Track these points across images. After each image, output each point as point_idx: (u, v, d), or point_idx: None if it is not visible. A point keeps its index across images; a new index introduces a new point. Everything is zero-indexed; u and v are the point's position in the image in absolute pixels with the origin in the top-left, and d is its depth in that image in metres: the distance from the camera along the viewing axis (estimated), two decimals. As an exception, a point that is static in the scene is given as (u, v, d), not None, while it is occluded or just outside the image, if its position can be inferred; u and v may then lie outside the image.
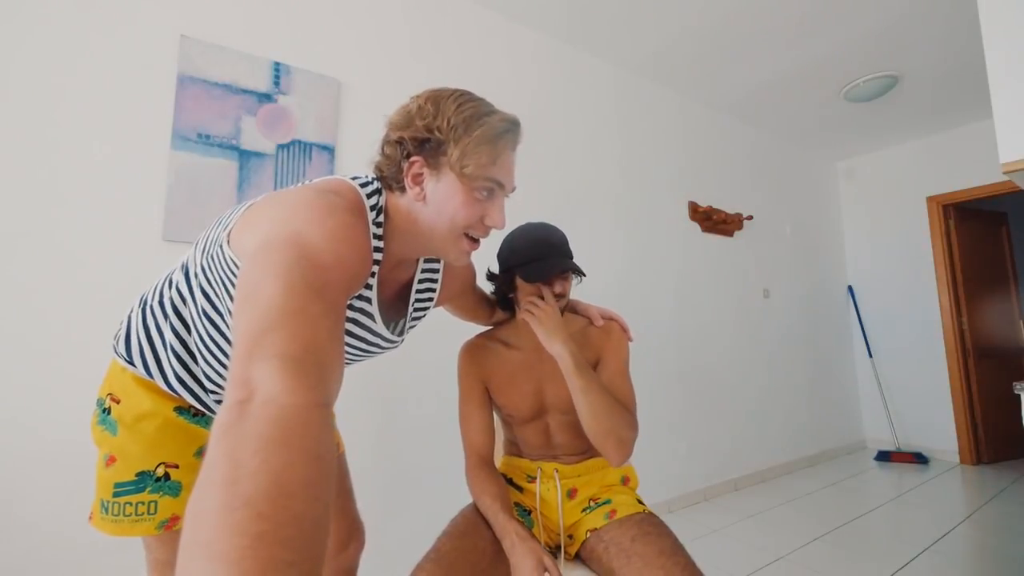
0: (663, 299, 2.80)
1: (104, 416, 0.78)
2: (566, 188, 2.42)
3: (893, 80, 2.89)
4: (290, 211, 0.56)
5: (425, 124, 0.67)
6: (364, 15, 1.92)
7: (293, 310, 0.45)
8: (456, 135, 0.66)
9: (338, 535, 1.00)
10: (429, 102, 0.68)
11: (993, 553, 2.07)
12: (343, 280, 0.54)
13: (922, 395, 3.70)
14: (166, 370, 0.75)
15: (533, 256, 1.03)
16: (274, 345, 0.42)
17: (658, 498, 2.53)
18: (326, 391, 0.43)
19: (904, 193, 3.90)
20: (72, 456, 1.27)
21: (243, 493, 0.33)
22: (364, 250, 0.61)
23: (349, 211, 0.60)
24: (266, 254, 0.50)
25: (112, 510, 0.76)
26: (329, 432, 0.41)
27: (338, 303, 0.52)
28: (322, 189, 0.62)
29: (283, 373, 0.40)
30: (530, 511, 1.06)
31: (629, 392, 1.08)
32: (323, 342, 0.45)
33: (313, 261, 0.50)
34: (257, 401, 0.38)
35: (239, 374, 0.40)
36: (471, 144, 0.66)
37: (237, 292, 0.49)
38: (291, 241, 0.51)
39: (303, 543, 0.34)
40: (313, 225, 0.54)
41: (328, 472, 0.39)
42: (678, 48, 2.60)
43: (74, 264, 1.35)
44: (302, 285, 0.47)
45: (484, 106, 0.70)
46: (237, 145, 1.59)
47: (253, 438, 0.36)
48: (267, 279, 0.47)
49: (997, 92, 1.52)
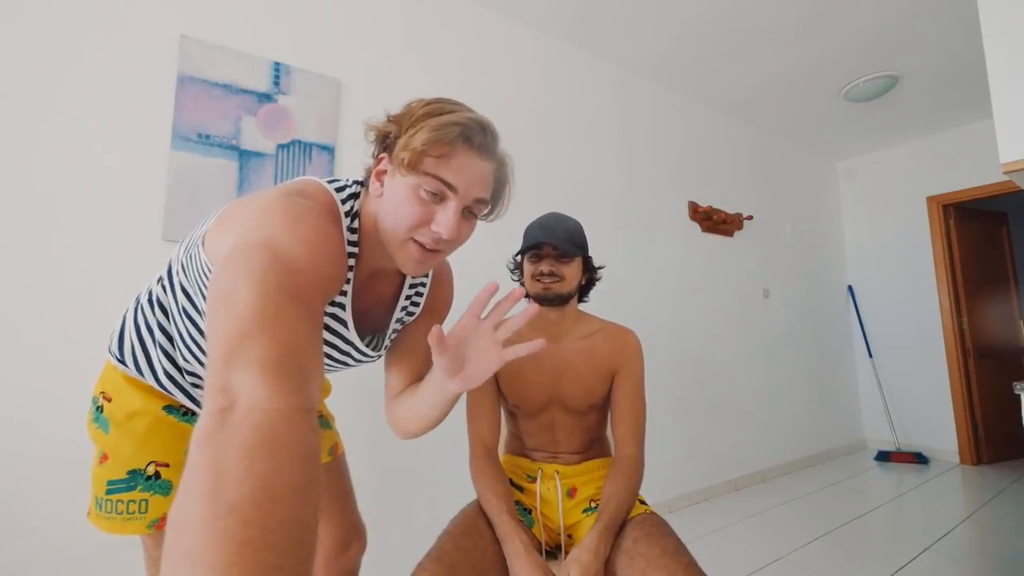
0: (663, 299, 2.80)
1: (97, 414, 0.80)
2: (566, 188, 2.42)
3: (893, 80, 2.89)
4: (261, 215, 0.55)
5: (391, 119, 0.66)
6: (364, 15, 1.92)
7: (270, 314, 0.44)
8: (408, 126, 0.63)
9: (340, 536, 1.00)
10: (403, 109, 0.67)
11: (993, 553, 2.07)
12: (317, 283, 0.53)
13: (922, 395, 3.70)
14: (155, 367, 0.76)
15: (535, 238, 1.06)
16: (253, 351, 0.41)
17: (658, 498, 2.53)
18: (308, 395, 0.42)
19: (904, 193, 3.90)
20: (71, 455, 1.27)
21: (228, 500, 0.33)
22: (337, 254, 0.60)
23: (320, 215, 0.59)
24: (238, 258, 0.49)
25: (105, 507, 0.77)
26: (314, 435, 0.41)
27: (314, 306, 0.51)
28: (292, 192, 0.60)
29: (264, 379, 0.40)
30: (530, 510, 1.06)
31: (642, 412, 1.10)
32: (302, 345, 0.45)
33: (287, 265, 0.50)
34: (240, 408, 0.38)
35: (218, 382, 0.40)
36: (416, 133, 0.61)
37: (210, 296, 0.48)
38: (263, 245, 0.51)
39: (291, 547, 0.34)
40: (284, 229, 0.53)
41: (315, 475, 0.38)
42: (678, 48, 2.60)
43: (74, 264, 1.35)
44: (277, 289, 0.47)
45: (452, 106, 0.66)
46: (237, 145, 1.59)
47: (237, 445, 0.36)
48: (241, 283, 0.46)
49: (997, 92, 1.52)
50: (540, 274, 1.05)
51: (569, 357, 1.10)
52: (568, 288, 1.07)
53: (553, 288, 1.05)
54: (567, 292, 1.07)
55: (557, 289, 1.05)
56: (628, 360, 1.10)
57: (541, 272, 1.05)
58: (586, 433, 1.12)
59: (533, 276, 1.07)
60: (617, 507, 0.96)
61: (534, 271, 1.07)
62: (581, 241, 1.09)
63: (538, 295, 1.07)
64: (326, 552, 0.99)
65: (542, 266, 1.05)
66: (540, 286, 1.06)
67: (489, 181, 0.67)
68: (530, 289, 1.09)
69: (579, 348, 1.11)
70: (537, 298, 1.07)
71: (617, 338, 1.12)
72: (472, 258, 1.99)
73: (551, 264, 1.05)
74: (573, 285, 1.08)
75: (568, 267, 1.06)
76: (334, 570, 1.00)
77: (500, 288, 0.65)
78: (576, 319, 1.14)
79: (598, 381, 1.09)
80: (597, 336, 1.12)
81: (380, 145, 0.67)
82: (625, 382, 1.09)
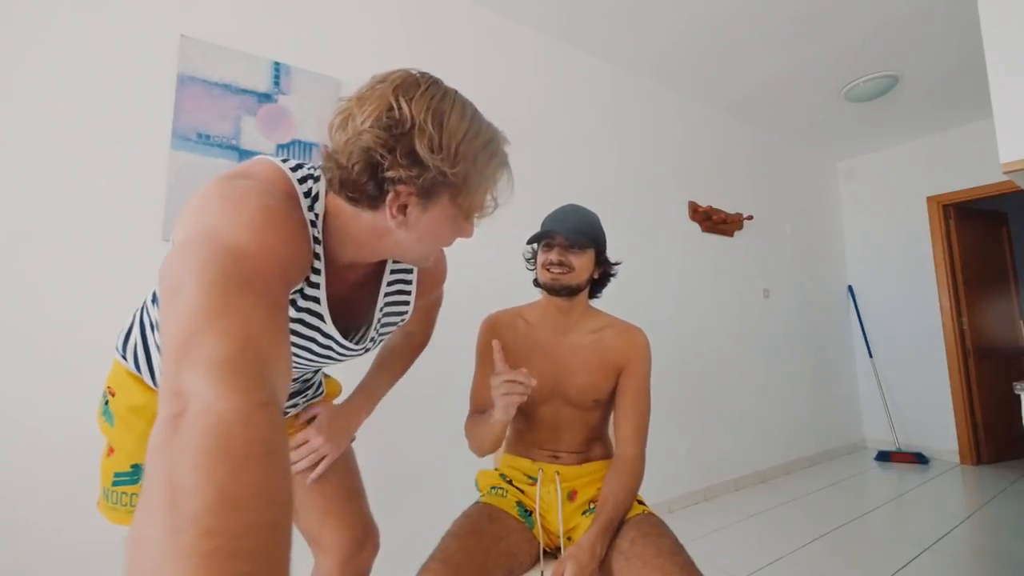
0: (663, 299, 2.80)
1: (105, 407, 0.82)
2: (565, 188, 2.42)
3: (893, 80, 2.89)
4: (201, 204, 0.52)
5: (427, 148, 0.54)
6: (363, 15, 1.92)
7: (218, 308, 0.41)
8: (466, 173, 0.57)
9: (354, 538, 0.98)
10: (429, 118, 0.55)
11: (993, 553, 2.07)
12: (273, 266, 0.49)
13: (922, 395, 3.70)
14: (154, 365, 0.77)
15: (546, 227, 1.07)
16: (202, 348, 0.39)
17: (658, 498, 2.53)
18: (267, 388, 0.40)
19: (904, 193, 3.90)
20: (73, 455, 1.27)
21: (188, 513, 0.31)
22: (293, 235, 0.56)
23: (268, 194, 0.55)
24: (181, 253, 0.46)
25: (111, 498, 0.80)
26: (277, 431, 0.38)
27: (272, 292, 0.47)
28: (233, 175, 0.56)
29: (215, 378, 0.37)
30: (531, 512, 1.06)
31: (647, 411, 1.10)
32: (257, 337, 0.42)
33: (234, 252, 0.46)
34: (191, 412, 0.36)
35: (169, 385, 0.38)
36: (483, 186, 0.60)
37: (160, 297, 0.45)
38: (205, 235, 0.47)
39: (260, 552, 0.32)
40: (228, 215, 0.49)
41: (281, 472, 0.36)
42: (678, 48, 2.60)
43: (74, 264, 1.34)
44: (223, 279, 0.43)
45: (486, 129, 0.61)
46: (237, 145, 1.59)
47: (191, 452, 0.34)
48: (185, 280, 0.43)
49: (997, 92, 1.52)
50: (550, 263, 1.06)
51: (576, 349, 1.10)
52: (578, 280, 1.06)
53: (562, 279, 1.05)
54: (576, 283, 1.06)
55: (566, 280, 1.05)
56: (636, 357, 1.10)
57: (550, 261, 1.05)
58: (589, 431, 1.12)
59: (543, 265, 1.07)
60: (615, 507, 0.95)
61: (544, 260, 1.07)
62: (594, 233, 1.08)
63: (547, 284, 1.07)
64: (341, 554, 0.97)
65: (551, 255, 1.05)
66: (549, 275, 1.06)
67: None
68: (540, 278, 1.09)
69: (587, 342, 1.11)
70: (546, 287, 1.07)
71: (626, 335, 1.12)
72: (472, 261, 1.99)
73: (560, 254, 1.05)
74: (583, 277, 1.07)
75: (578, 258, 1.05)
76: (348, 572, 0.98)
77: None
78: (585, 313, 1.14)
79: (604, 376, 1.09)
80: (606, 331, 1.12)
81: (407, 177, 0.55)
82: (631, 380, 1.09)
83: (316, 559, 0.99)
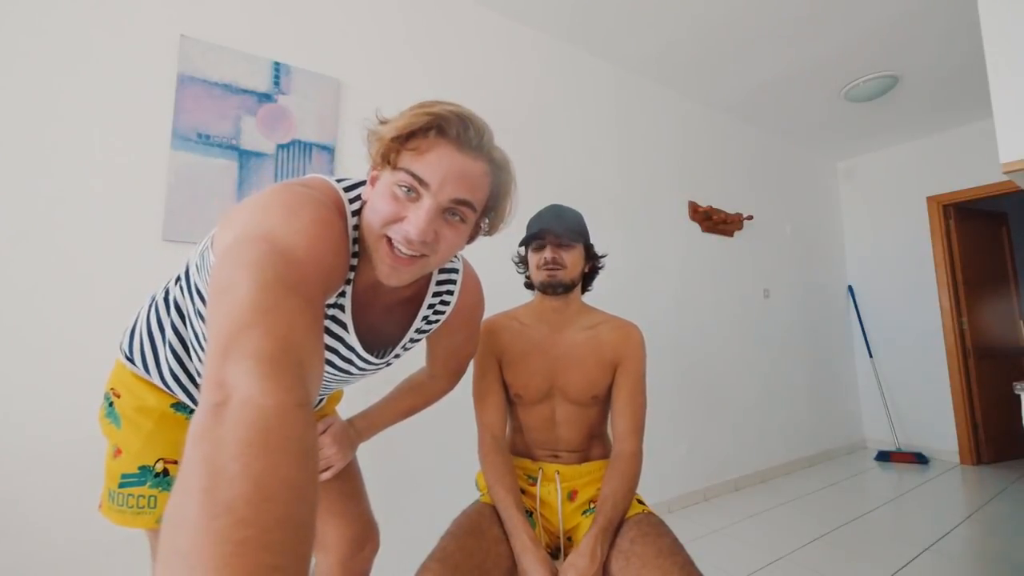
0: (663, 299, 2.80)
1: (110, 409, 0.81)
2: (566, 188, 2.42)
3: (893, 80, 2.89)
4: (262, 207, 0.54)
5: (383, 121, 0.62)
6: (364, 15, 1.91)
7: (267, 307, 0.43)
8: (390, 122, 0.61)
9: (355, 537, 0.99)
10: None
11: (993, 553, 2.07)
12: (318, 276, 0.51)
13: (922, 395, 3.70)
14: (162, 366, 0.77)
15: (536, 227, 1.10)
16: (249, 344, 0.40)
17: (658, 498, 2.53)
18: (305, 390, 0.41)
19: (904, 193, 3.89)
20: (72, 456, 1.27)
21: (224, 499, 0.32)
22: (339, 246, 0.58)
23: (323, 205, 0.57)
24: (237, 250, 0.49)
25: (117, 500, 0.78)
26: (310, 432, 0.40)
27: (315, 299, 0.49)
28: (295, 183, 0.59)
29: (259, 373, 0.39)
30: (531, 512, 1.06)
31: (642, 408, 1.11)
32: (300, 339, 0.43)
33: (286, 256, 0.49)
34: (234, 403, 0.37)
35: (214, 375, 0.39)
36: (392, 124, 0.59)
37: (210, 290, 0.47)
38: (262, 236, 0.50)
39: (288, 546, 0.33)
40: (285, 219, 0.52)
41: (312, 472, 0.38)
42: (678, 48, 2.60)
43: (74, 264, 1.34)
44: (275, 281, 0.45)
45: (437, 101, 0.62)
46: (237, 145, 1.59)
47: (232, 442, 0.35)
48: (239, 276, 0.45)
49: (997, 92, 1.52)
50: (544, 262, 1.08)
51: (572, 346, 1.12)
52: (571, 276, 1.09)
53: (557, 275, 1.08)
54: (571, 279, 1.10)
55: (561, 276, 1.08)
56: (631, 353, 1.11)
57: (545, 260, 1.08)
58: (587, 428, 1.13)
59: (538, 265, 1.10)
60: (614, 508, 0.96)
61: (538, 260, 1.10)
62: (581, 229, 1.12)
63: (543, 283, 1.10)
64: (341, 553, 0.98)
65: (545, 254, 1.08)
66: (545, 274, 1.09)
67: (474, 181, 0.62)
68: (535, 278, 1.12)
69: (583, 338, 1.12)
70: (542, 286, 1.10)
71: (621, 330, 1.13)
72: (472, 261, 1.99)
73: (553, 251, 1.08)
74: (576, 273, 1.11)
75: (569, 254, 1.09)
76: (348, 571, 0.98)
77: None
78: (580, 310, 1.17)
79: (600, 372, 1.10)
80: (601, 328, 1.14)
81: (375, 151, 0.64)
82: (627, 375, 1.10)
83: (316, 558, 0.99)
